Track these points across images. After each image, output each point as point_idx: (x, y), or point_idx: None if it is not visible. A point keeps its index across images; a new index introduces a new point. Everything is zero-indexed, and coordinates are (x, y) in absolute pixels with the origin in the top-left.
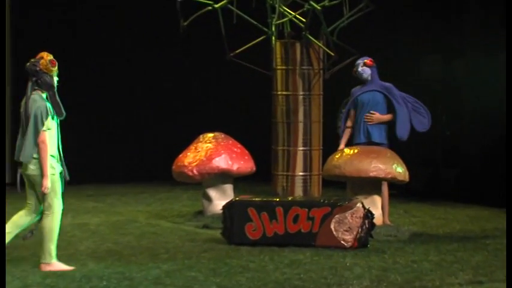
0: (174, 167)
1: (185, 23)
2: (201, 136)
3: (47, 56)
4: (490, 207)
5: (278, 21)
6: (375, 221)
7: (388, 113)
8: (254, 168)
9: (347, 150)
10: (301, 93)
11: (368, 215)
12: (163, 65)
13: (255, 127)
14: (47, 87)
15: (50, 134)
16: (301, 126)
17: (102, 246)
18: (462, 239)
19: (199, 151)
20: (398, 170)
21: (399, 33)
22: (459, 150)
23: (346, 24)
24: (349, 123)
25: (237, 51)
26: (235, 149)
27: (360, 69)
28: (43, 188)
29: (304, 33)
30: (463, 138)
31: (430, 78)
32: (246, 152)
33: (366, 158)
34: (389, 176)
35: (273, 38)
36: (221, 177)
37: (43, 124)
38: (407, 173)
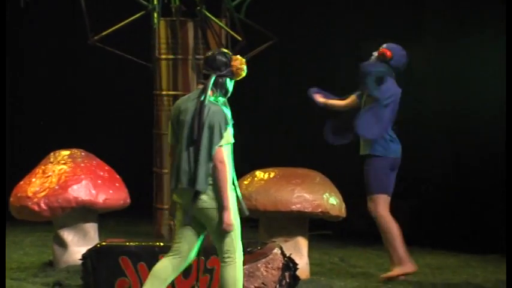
0: (12, 199)
1: None
2: (51, 154)
3: (241, 59)
4: (458, 253)
5: None
6: (298, 273)
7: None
8: (128, 200)
9: (260, 174)
10: None
11: (289, 265)
12: None
13: (130, 141)
14: (225, 91)
15: (228, 152)
16: None
17: None
18: None
19: (49, 176)
20: (332, 201)
21: (333, 11)
22: (418, 175)
23: None
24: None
25: (104, 33)
26: (102, 173)
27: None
28: (225, 225)
29: (199, 8)
30: (424, 159)
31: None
32: (117, 176)
33: (287, 185)
34: (319, 210)
35: (155, 14)
36: (81, 212)
37: (221, 137)
38: (343, 206)
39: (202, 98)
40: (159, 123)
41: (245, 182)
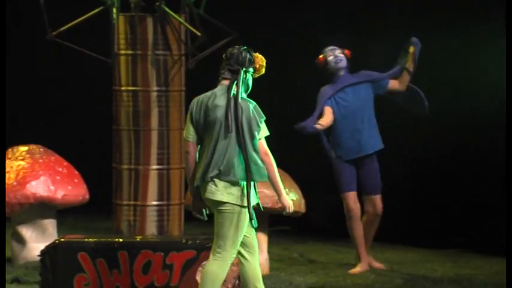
0: None
1: None
2: (9, 150)
3: (261, 57)
4: (417, 248)
5: None
6: None
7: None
8: (87, 196)
9: None
10: (155, 88)
11: None
12: None
13: (89, 137)
14: (247, 87)
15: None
16: (155, 135)
17: None
18: None
19: (7, 172)
20: (292, 197)
21: (293, 6)
22: (383, 170)
23: None
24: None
25: (62, 28)
26: (60, 169)
27: (337, 54)
28: (288, 209)
29: (158, 3)
30: (383, 153)
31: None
32: (76, 172)
33: None
34: (279, 205)
35: (114, 10)
36: (39, 209)
37: (260, 131)
38: (303, 202)
39: (233, 93)
40: (118, 119)
41: None
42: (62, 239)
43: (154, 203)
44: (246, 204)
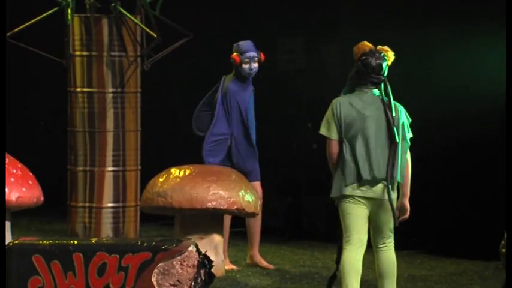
0: None
1: None
2: None
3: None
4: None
5: None
6: (213, 270)
7: None
8: (42, 198)
9: (175, 172)
10: (110, 90)
11: (204, 262)
12: None
13: (43, 138)
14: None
15: None
16: (110, 137)
17: None
18: None
19: None
20: (247, 198)
21: (249, 8)
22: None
23: None
24: None
25: (16, 30)
26: (14, 171)
27: (253, 67)
28: (408, 213)
29: (113, 4)
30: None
31: (289, 69)
32: (30, 174)
33: (202, 182)
34: (235, 207)
35: (69, 10)
36: None
37: (409, 132)
38: (259, 203)
39: (387, 98)
40: (73, 121)
41: (160, 180)
42: (16, 242)
43: (110, 205)
44: (393, 203)
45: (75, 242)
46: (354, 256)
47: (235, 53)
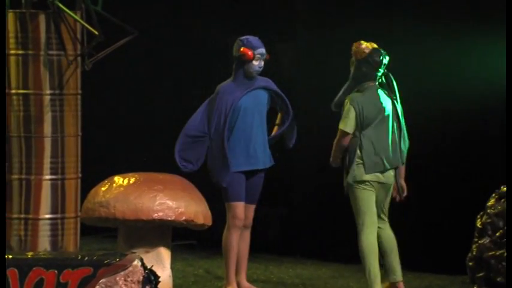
0: None
1: None
2: None
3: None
4: (330, 262)
5: None
6: (160, 286)
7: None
8: None
9: (119, 180)
10: (48, 92)
11: (150, 278)
12: None
13: None
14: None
15: None
16: (48, 142)
17: None
18: None
19: None
20: (197, 209)
21: (205, 7)
22: (290, 181)
23: None
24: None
25: None
26: None
27: (262, 65)
28: (405, 191)
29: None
30: (299, 163)
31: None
32: None
33: (148, 191)
34: (183, 218)
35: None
36: None
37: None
38: (209, 214)
39: (394, 93)
40: (9, 124)
41: (102, 189)
42: None
43: (48, 216)
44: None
45: (10, 257)
46: (371, 238)
47: (246, 48)
